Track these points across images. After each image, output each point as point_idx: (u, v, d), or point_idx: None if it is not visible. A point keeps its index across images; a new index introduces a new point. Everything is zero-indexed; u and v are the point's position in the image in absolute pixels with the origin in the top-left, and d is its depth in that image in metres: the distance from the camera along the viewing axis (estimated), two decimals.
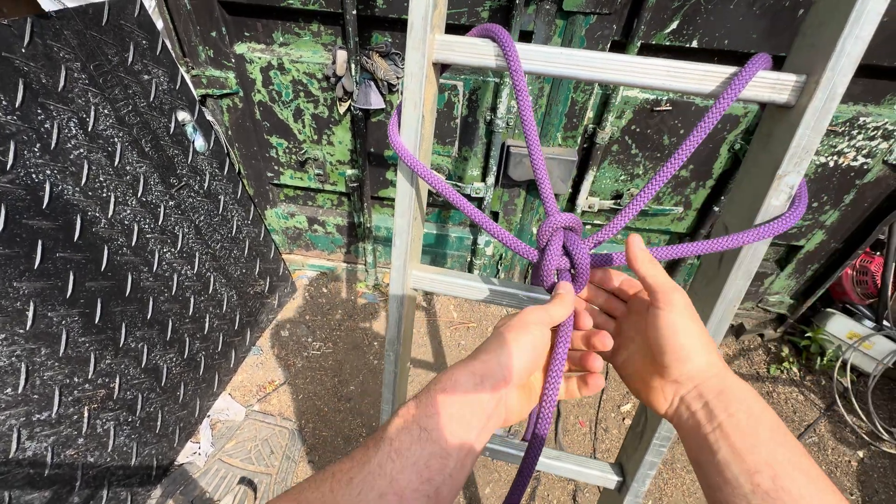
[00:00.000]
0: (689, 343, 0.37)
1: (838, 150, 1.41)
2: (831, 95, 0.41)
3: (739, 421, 0.34)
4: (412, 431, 0.31)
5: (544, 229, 0.45)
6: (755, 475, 0.31)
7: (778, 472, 0.31)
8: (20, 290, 1.03)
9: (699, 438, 0.36)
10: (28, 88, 1.03)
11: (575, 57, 0.46)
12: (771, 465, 0.31)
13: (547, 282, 0.46)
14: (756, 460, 0.32)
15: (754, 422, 0.34)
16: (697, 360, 0.37)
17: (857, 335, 1.75)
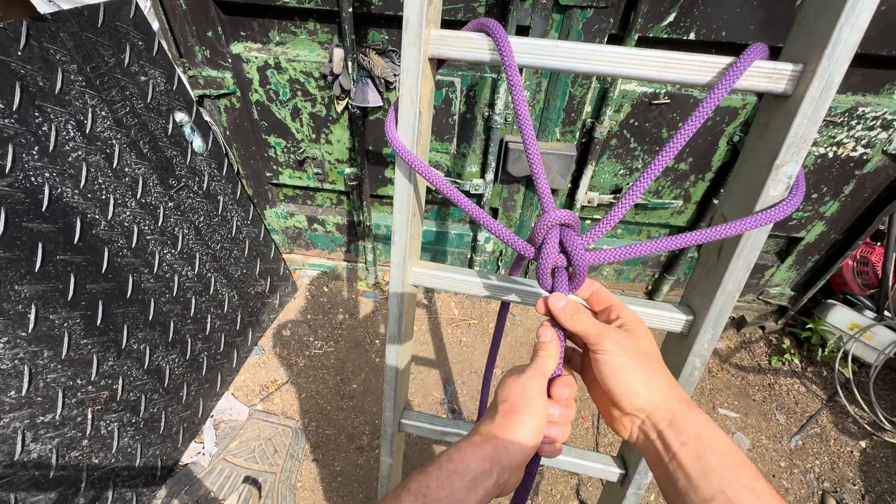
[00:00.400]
0: (629, 380, 0.39)
1: (837, 140, 1.40)
2: (828, 84, 0.41)
3: (690, 450, 0.36)
4: None
5: (540, 226, 0.45)
6: (710, 502, 0.33)
7: (730, 497, 0.32)
8: (21, 293, 1.03)
9: (661, 467, 0.38)
10: (25, 91, 1.03)
11: (570, 49, 0.46)
12: (723, 490, 0.33)
13: (544, 281, 0.46)
14: (709, 487, 0.33)
15: (705, 449, 0.35)
16: (642, 394, 0.39)
17: (859, 326, 1.75)
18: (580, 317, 0.42)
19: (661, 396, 0.39)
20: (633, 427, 0.41)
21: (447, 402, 1.74)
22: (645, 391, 0.39)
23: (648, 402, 0.39)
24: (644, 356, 0.40)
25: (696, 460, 0.35)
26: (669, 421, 0.37)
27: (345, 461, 1.56)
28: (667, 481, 0.37)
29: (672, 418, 0.37)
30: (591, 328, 0.41)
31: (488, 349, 1.93)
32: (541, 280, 0.46)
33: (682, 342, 0.59)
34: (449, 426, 0.74)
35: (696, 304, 0.57)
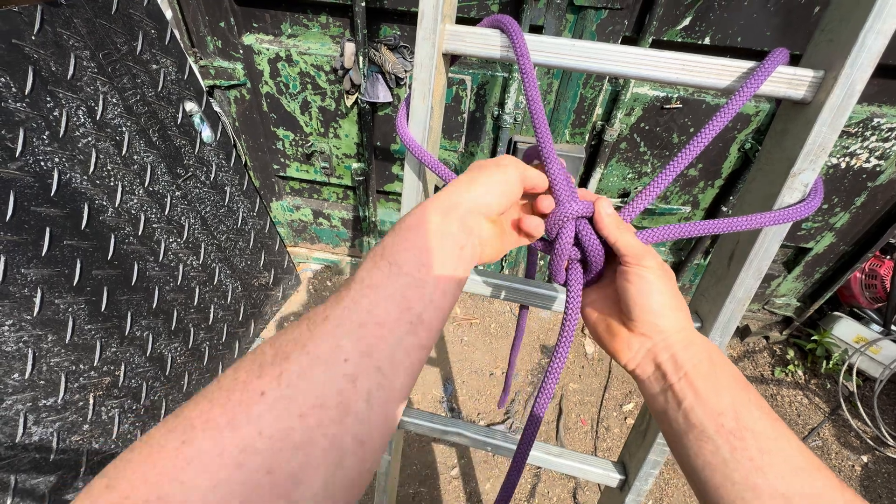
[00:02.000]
0: (661, 300, 0.38)
1: (851, 151, 1.38)
2: (850, 92, 0.40)
3: (703, 370, 0.35)
4: (382, 268, 0.31)
5: (554, 219, 0.42)
6: (719, 416, 0.32)
7: (740, 413, 0.32)
8: (28, 277, 1.04)
9: (665, 389, 0.36)
10: (37, 76, 1.03)
11: (586, 49, 0.46)
12: (733, 407, 0.32)
13: (558, 274, 0.44)
14: (719, 403, 0.32)
15: (717, 370, 0.35)
16: (665, 316, 0.38)
17: (865, 339, 1.73)
18: (626, 228, 0.40)
19: (682, 323, 0.38)
20: (641, 348, 0.39)
21: (446, 400, 1.74)
22: (671, 314, 0.38)
23: (671, 325, 0.37)
24: (672, 283, 0.39)
25: (707, 378, 0.34)
26: (685, 344, 0.37)
27: None
28: (671, 401, 0.35)
29: (687, 343, 0.37)
30: (636, 242, 0.39)
31: (489, 349, 1.92)
32: (554, 273, 0.44)
33: None
34: (448, 425, 0.74)
35: (704, 311, 0.57)
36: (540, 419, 0.45)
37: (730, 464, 0.30)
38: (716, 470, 0.31)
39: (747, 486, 0.29)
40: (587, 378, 1.84)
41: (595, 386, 1.82)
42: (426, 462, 1.56)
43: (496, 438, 0.73)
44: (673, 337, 0.37)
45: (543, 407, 0.44)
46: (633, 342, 0.39)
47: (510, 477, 0.46)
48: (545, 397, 0.43)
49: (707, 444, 0.31)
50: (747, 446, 0.30)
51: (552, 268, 0.44)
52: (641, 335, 0.39)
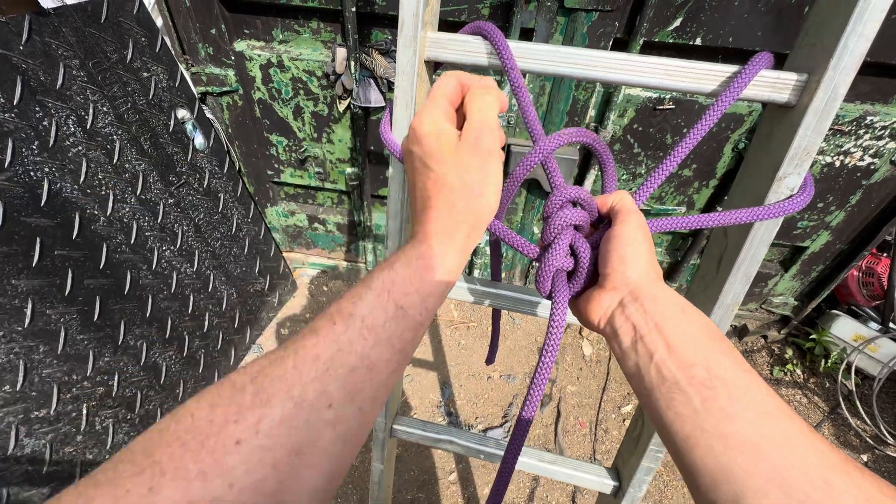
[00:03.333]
0: (633, 251, 0.37)
1: (844, 149, 1.38)
2: (833, 95, 0.40)
3: (674, 322, 0.34)
4: (387, 309, 0.30)
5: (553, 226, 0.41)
6: (690, 368, 0.31)
7: (711, 363, 0.31)
8: (18, 288, 1.03)
9: (636, 341, 0.35)
10: (26, 86, 1.03)
11: (571, 55, 0.45)
12: (706, 358, 0.31)
13: (544, 285, 0.43)
14: (691, 355, 0.32)
15: (687, 320, 0.34)
16: (637, 266, 0.37)
17: (863, 337, 1.72)
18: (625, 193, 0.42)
19: (652, 276, 0.37)
20: (612, 304, 0.38)
21: (444, 404, 1.73)
22: (640, 264, 0.37)
23: (642, 276, 0.37)
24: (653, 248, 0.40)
25: (678, 329, 0.33)
26: (653, 295, 0.35)
27: None
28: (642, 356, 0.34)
29: (656, 293, 0.36)
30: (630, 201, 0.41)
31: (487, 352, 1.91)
32: (541, 283, 0.43)
33: None
34: (442, 433, 0.73)
35: None
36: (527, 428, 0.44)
37: (700, 414, 0.29)
38: (686, 420, 0.30)
39: (717, 434, 0.28)
40: (585, 380, 1.84)
41: (593, 388, 1.81)
42: (424, 467, 1.55)
43: (489, 446, 0.72)
44: (642, 288, 0.36)
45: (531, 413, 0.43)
46: (604, 299, 0.38)
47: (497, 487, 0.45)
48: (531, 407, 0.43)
49: (679, 396, 0.31)
50: (717, 395, 0.29)
51: (539, 276, 0.43)
52: (612, 289, 0.38)
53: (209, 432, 0.23)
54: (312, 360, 0.27)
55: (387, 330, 0.30)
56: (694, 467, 0.29)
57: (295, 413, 0.25)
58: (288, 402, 0.25)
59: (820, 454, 0.26)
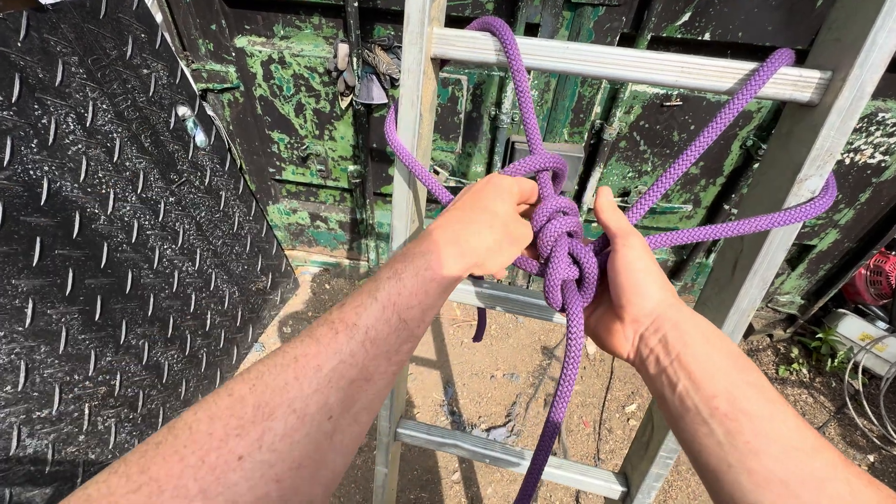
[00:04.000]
0: (645, 279, 0.37)
1: (855, 146, 1.36)
2: (859, 94, 0.38)
3: (696, 351, 0.33)
4: (391, 322, 0.30)
5: (547, 237, 0.41)
6: (713, 399, 0.31)
7: (735, 395, 0.30)
8: (19, 288, 1.02)
9: (660, 373, 0.35)
10: (24, 83, 1.01)
11: (580, 52, 0.43)
12: (728, 390, 0.31)
13: (554, 299, 0.41)
14: (713, 386, 0.31)
15: (710, 349, 0.33)
16: (653, 295, 0.37)
17: (870, 337, 1.70)
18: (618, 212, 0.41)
19: (669, 301, 0.37)
20: (635, 336, 0.38)
21: (447, 403, 1.72)
22: (654, 293, 0.37)
23: (659, 304, 0.36)
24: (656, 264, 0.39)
25: (700, 359, 0.33)
26: (675, 323, 0.35)
27: None
28: (666, 386, 0.34)
29: (677, 320, 0.35)
30: (627, 224, 0.40)
31: (490, 351, 1.90)
32: (550, 297, 0.42)
33: None
34: (447, 437, 0.72)
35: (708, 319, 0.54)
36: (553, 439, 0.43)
37: (725, 447, 0.29)
38: (712, 454, 0.29)
39: (743, 469, 0.27)
40: (589, 379, 1.82)
41: (597, 387, 1.80)
42: (427, 467, 1.55)
43: (495, 450, 0.71)
44: (661, 317, 0.36)
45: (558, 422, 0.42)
46: (628, 330, 0.38)
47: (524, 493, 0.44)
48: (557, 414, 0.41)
49: (702, 428, 0.30)
50: (742, 429, 0.29)
51: (547, 290, 0.42)
52: (633, 321, 0.38)
53: (209, 447, 0.22)
54: (314, 371, 0.26)
55: (388, 343, 0.29)
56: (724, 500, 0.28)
57: (297, 427, 0.24)
58: (291, 415, 0.24)
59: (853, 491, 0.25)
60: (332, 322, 0.29)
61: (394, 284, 0.31)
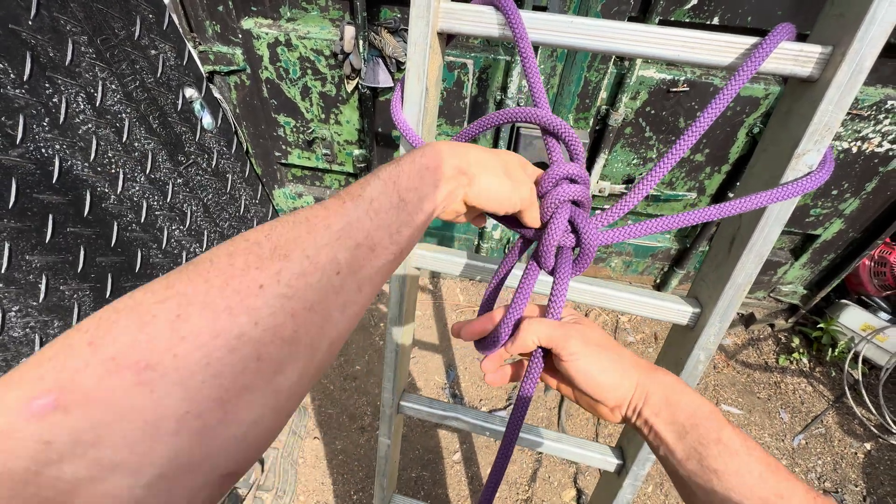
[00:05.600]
0: (607, 378, 0.39)
1: (863, 135, 1.35)
2: (858, 68, 0.39)
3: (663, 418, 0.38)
4: (391, 197, 0.32)
5: (550, 201, 0.40)
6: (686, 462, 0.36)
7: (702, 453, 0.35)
8: (32, 264, 1.05)
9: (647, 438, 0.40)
10: (36, 62, 1.03)
11: (585, 26, 0.44)
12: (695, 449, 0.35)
13: (546, 260, 0.42)
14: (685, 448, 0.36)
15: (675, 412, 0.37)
16: (622, 385, 0.39)
17: (872, 327, 1.71)
18: (538, 328, 0.41)
19: (634, 379, 0.40)
20: (619, 415, 0.42)
21: (449, 386, 1.75)
22: (624, 380, 0.39)
23: (628, 390, 0.39)
24: (605, 346, 0.41)
25: (670, 426, 0.37)
26: (644, 398, 0.39)
27: (346, 440, 1.59)
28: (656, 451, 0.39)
29: (646, 395, 0.39)
30: (554, 332, 0.41)
31: None
32: (543, 259, 0.42)
33: (688, 335, 0.58)
34: (448, 410, 0.74)
35: (704, 296, 0.56)
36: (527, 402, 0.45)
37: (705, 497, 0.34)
38: None
39: None
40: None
41: None
42: (428, 447, 1.58)
43: (495, 423, 0.73)
44: (634, 399, 0.39)
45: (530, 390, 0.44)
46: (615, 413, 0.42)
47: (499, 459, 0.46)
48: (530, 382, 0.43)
49: (685, 489, 0.36)
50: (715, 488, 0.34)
51: (541, 251, 0.42)
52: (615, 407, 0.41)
53: (232, 274, 0.24)
54: (325, 229, 0.28)
55: (389, 216, 0.31)
56: None
57: (311, 271, 0.26)
58: (304, 260, 0.26)
59: None
60: (339, 195, 0.31)
61: (393, 167, 0.34)
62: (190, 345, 0.21)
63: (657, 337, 1.95)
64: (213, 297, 0.23)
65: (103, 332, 0.20)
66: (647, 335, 1.96)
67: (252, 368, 0.23)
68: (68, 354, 0.20)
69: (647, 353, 1.89)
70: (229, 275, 0.24)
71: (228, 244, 0.26)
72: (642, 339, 1.95)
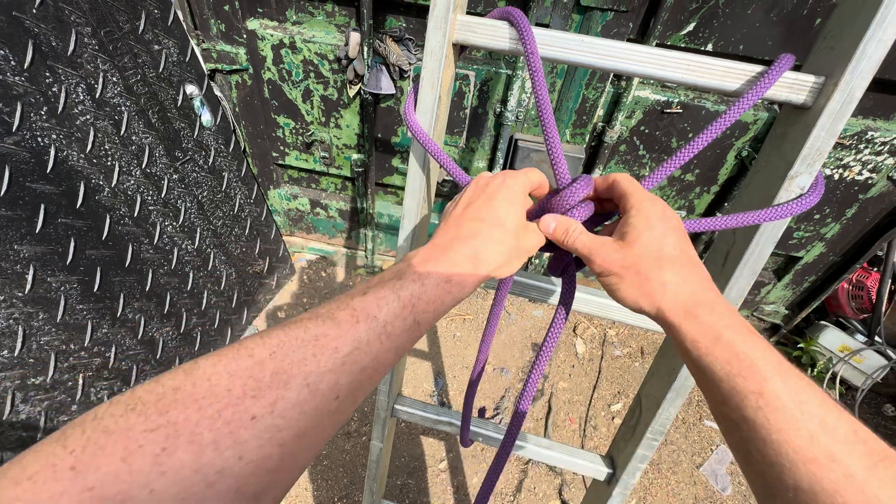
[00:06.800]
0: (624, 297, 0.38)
1: (844, 163, 1.41)
2: (849, 98, 0.41)
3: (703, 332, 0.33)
4: (407, 321, 0.32)
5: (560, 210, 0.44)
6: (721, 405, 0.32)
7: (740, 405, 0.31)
8: (20, 254, 1.02)
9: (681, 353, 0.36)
10: (37, 50, 1.02)
11: (593, 45, 0.46)
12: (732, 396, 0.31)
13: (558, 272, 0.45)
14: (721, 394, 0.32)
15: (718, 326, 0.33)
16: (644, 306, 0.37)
17: (849, 349, 1.76)
18: (575, 235, 0.41)
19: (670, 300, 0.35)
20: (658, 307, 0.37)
21: (437, 394, 1.75)
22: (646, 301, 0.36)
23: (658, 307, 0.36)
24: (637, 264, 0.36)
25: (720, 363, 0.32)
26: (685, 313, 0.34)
27: (331, 445, 1.57)
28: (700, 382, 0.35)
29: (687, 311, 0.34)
30: (581, 248, 0.40)
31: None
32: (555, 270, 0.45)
33: None
34: (442, 415, 0.75)
35: None
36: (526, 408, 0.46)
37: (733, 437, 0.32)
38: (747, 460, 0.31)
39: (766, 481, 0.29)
40: (577, 377, 1.86)
41: (584, 385, 1.84)
42: (414, 454, 1.57)
43: (488, 429, 0.74)
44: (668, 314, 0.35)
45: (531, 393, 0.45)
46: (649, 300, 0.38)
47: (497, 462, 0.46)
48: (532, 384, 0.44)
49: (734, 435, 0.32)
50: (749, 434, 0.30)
51: (553, 265, 0.45)
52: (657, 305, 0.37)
53: (227, 402, 0.23)
54: (332, 352, 0.27)
55: (401, 339, 0.31)
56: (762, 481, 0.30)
57: (308, 400, 0.26)
58: (304, 388, 0.26)
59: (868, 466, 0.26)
60: (354, 309, 0.30)
61: (417, 287, 0.33)
62: (168, 480, 0.21)
63: (643, 351, 1.98)
64: (203, 428, 0.22)
65: (88, 458, 0.20)
66: (634, 349, 1.99)
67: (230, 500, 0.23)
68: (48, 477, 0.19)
69: (633, 366, 1.92)
70: (224, 403, 0.23)
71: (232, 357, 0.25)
72: (629, 353, 1.97)
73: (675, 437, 1.70)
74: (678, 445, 1.68)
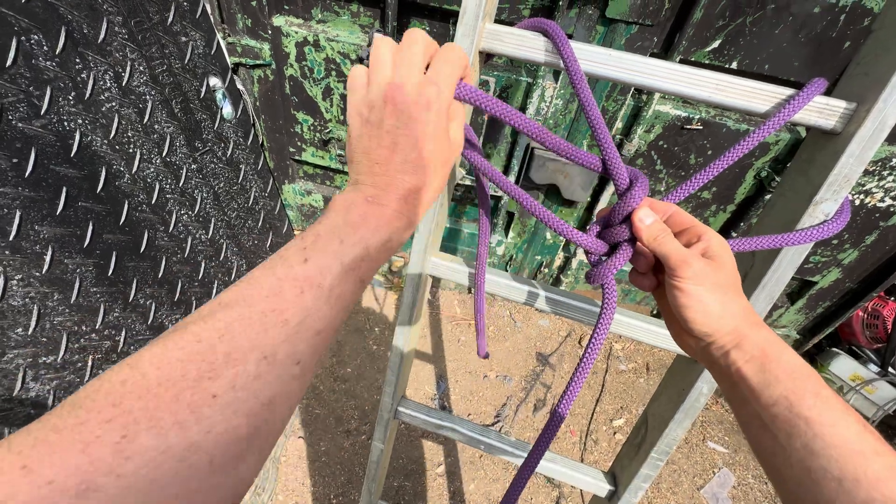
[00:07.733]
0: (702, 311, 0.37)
1: (866, 188, 1.38)
2: (881, 126, 0.40)
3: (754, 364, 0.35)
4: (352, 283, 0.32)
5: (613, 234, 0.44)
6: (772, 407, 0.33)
7: (793, 403, 0.32)
8: (41, 234, 1.05)
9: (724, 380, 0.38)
10: (69, 37, 1.04)
11: (621, 59, 0.46)
12: (786, 397, 0.33)
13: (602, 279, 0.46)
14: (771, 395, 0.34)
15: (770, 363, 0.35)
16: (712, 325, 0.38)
17: (861, 378, 1.73)
18: (665, 238, 0.39)
19: (732, 324, 0.37)
20: (698, 347, 0.40)
21: (438, 398, 1.74)
22: (716, 322, 0.37)
23: (717, 329, 0.37)
24: (722, 286, 0.38)
25: (760, 373, 0.35)
26: (736, 344, 0.36)
27: (331, 442, 1.57)
28: (730, 391, 0.37)
29: (740, 341, 0.36)
30: (673, 253, 0.38)
31: (489, 343, 1.91)
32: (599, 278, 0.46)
33: (692, 367, 0.59)
34: (445, 420, 0.75)
35: None
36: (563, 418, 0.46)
37: (786, 449, 0.32)
38: (776, 455, 0.33)
39: (803, 469, 0.30)
40: (580, 390, 1.84)
41: (587, 399, 1.82)
42: (413, 457, 1.57)
43: (490, 438, 0.73)
44: (723, 339, 0.37)
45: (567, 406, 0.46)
46: (690, 341, 0.40)
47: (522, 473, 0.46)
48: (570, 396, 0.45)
49: (765, 433, 0.33)
50: (800, 433, 0.31)
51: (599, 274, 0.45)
52: (695, 337, 0.39)
53: (185, 385, 0.23)
54: (282, 325, 0.27)
55: (349, 300, 0.32)
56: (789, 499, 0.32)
57: (269, 370, 0.26)
58: (262, 361, 0.26)
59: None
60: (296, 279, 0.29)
61: (360, 251, 0.32)
62: (135, 463, 0.20)
63: (649, 367, 1.96)
64: (163, 414, 0.22)
65: (39, 456, 0.19)
66: (639, 365, 1.97)
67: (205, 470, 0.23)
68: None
69: (637, 382, 1.90)
70: (180, 387, 0.23)
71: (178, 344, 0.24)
72: (634, 368, 1.95)
73: (677, 457, 1.68)
74: (679, 465, 1.66)
